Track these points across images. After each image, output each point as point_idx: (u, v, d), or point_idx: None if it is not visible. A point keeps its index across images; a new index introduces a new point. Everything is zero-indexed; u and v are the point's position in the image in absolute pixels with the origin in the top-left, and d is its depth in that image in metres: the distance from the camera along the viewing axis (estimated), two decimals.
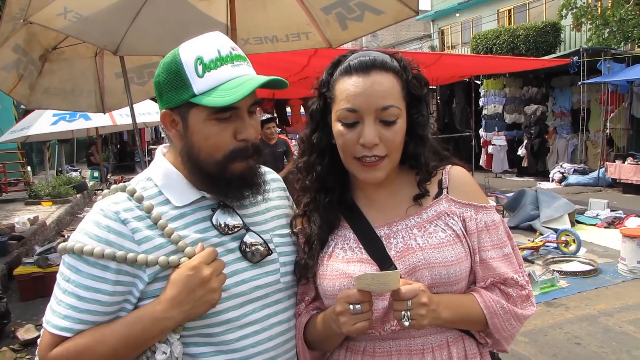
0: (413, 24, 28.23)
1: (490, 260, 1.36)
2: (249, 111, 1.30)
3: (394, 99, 1.32)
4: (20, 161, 14.29)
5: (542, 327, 4.72)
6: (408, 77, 1.37)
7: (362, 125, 1.30)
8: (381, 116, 1.30)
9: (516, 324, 1.36)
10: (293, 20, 4.06)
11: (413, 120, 1.38)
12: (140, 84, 5.27)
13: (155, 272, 1.21)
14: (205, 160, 1.28)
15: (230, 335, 1.28)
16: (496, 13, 21.51)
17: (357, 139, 1.31)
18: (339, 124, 1.34)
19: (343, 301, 1.23)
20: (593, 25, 14.36)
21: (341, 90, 1.33)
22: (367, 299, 1.22)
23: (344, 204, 1.45)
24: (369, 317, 1.23)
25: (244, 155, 1.29)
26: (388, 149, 1.32)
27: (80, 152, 21.22)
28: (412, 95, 1.37)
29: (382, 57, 1.35)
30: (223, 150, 1.27)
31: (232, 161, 1.28)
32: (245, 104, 1.27)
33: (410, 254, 1.32)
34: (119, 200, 1.26)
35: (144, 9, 3.62)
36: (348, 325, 1.22)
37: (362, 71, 1.32)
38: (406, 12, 3.77)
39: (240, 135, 1.27)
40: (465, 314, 1.32)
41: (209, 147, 1.27)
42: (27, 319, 5.39)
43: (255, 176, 1.35)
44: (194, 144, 1.27)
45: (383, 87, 1.31)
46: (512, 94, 14.87)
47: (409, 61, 1.41)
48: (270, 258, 1.37)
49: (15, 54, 4.28)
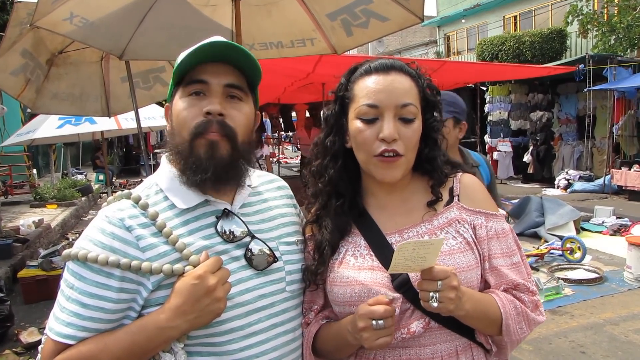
0: (419, 30, 28.27)
1: (500, 267, 1.37)
2: (229, 94, 1.30)
3: (413, 99, 1.36)
4: (26, 164, 14.37)
5: (546, 335, 4.69)
6: (423, 83, 1.42)
7: (382, 121, 1.33)
8: (400, 113, 1.34)
9: (526, 328, 1.36)
10: (298, 26, 4.07)
11: (428, 125, 1.42)
12: (145, 88, 5.30)
13: (160, 279, 1.21)
14: (179, 143, 1.29)
15: (234, 345, 1.26)
16: (502, 19, 21.49)
17: (376, 135, 1.33)
18: (358, 121, 1.36)
19: (365, 317, 1.22)
20: (599, 32, 14.29)
21: (361, 88, 1.38)
22: (389, 314, 1.22)
23: (356, 210, 1.45)
24: (391, 332, 1.23)
25: (207, 130, 1.26)
26: (406, 148, 1.34)
27: (85, 156, 21.31)
28: (427, 101, 1.42)
29: (400, 62, 1.41)
30: (188, 125, 1.27)
31: (197, 137, 1.26)
32: (216, 81, 1.28)
33: None
34: (124, 207, 1.25)
35: (149, 14, 3.63)
36: (371, 340, 1.22)
37: (382, 71, 1.37)
38: (411, 19, 3.76)
39: (205, 109, 1.26)
40: (484, 310, 1.31)
41: (178, 125, 1.29)
42: (31, 322, 5.40)
43: (223, 157, 1.27)
44: (173, 126, 1.32)
45: (403, 85, 1.36)
46: (518, 100, 14.82)
47: (422, 71, 1.46)
48: (276, 266, 1.35)
49: (22, 58, 4.31)
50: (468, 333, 1.36)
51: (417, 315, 1.32)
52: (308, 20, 4.00)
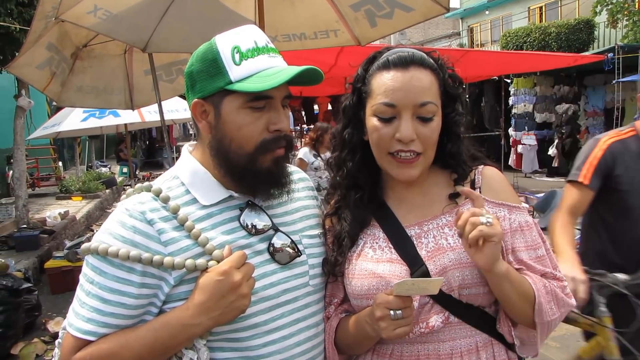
0: (442, 22, 27.95)
1: (525, 260, 1.32)
2: (282, 104, 1.28)
3: (432, 96, 1.31)
4: (52, 157, 14.66)
5: (574, 332, 4.55)
6: (444, 75, 1.35)
7: (399, 120, 1.29)
8: (419, 112, 1.29)
9: (556, 309, 1.30)
10: (321, 17, 4.04)
11: (450, 119, 1.37)
12: (168, 81, 5.32)
13: (182, 274, 1.19)
14: (236, 152, 1.25)
15: (257, 340, 1.24)
16: (527, 10, 21.09)
17: (393, 134, 1.29)
18: (375, 118, 1.33)
19: (383, 307, 1.19)
20: (630, 22, 13.91)
21: (378, 85, 1.32)
22: (407, 304, 1.19)
23: (375, 202, 1.42)
24: (409, 322, 1.21)
25: (276, 146, 1.26)
26: (424, 146, 1.30)
27: (109, 148, 21.62)
28: (448, 94, 1.36)
29: (420, 53, 1.34)
30: (254, 141, 1.24)
31: (263, 153, 1.25)
32: (280, 94, 1.25)
33: (441, 254, 1.30)
34: (145, 200, 1.23)
35: (172, 7, 3.64)
36: (389, 330, 1.19)
37: (401, 66, 1.31)
38: (437, 9, 3.69)
39: (273, 126, 1.25)
40: (520, 280, 1.26)
41: (240, 138, 1.24)
42: (57, 312, 5.50)
43: (283, 172, 1.31)
44: (226, 134, 1.25)
45: (422, 83, 1.30)
46: (543, 92, 14.56)
47: (444, 60, 1.39)
48: (299, 260, 1.33)
49: (48, 52, 4.35)
50: (489, 328, 1.32)
51: (436, 310, 1.30)
52: (331, 11, 3.96)
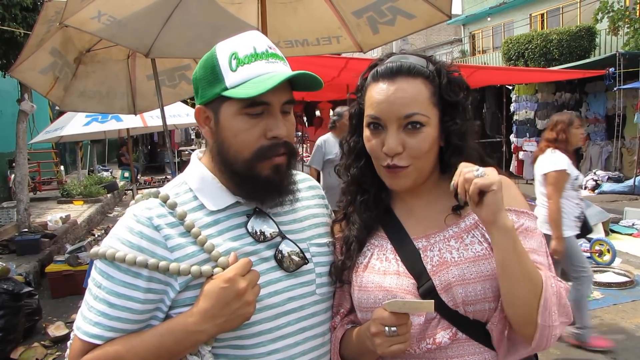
0: (444, 28, 27.99)
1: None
2: (283, 110, 1.27)
3: (420, 106, 1.27)
4: (54, 161, 14.68)
5: None
6: (442, 81, 1.31)
7: (386, 133, 1.29)
8: (405, 124, 1.27)
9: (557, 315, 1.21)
10: (324, 24, 4.05)
11: (447, 128, 1.33)
12: (171, 86, 5.34)
13: (187, 280, 1.19)
14: (234, 158, 1.24)
15: (262, 348, 1.24)
16: (528, 17, 21.12)
17: (381, 146, 1.29)
18: (367, 130, 1.34)
19: (378, 322, 1.18)
20: (631, 29, 13.93)
21: (369, 97, 1.33)
22: (403, 321, 1.17)
23: (381, 206, 1.42)
24: (405, 339, 1.18)
25: (273, 154, 1.24)
26: (412, 158, 1.28)
27: (111, 153, 21.65)
28: (446, 102, 1.32)
29: (410, 62, 1.30)
30: (251, 147, 1.23)
31: (261, 160, 1.24)
32: (277, 100, 1.24)
33: (445, 269, 1.27)
34: (152, 206, 1.23)
35: (175, 13, 3.65)
36: (383, 347, 1.18)
37: (388, 77, 1.29)
38: (439, 16, 3.70)
39: (270, 132, 1.23)
40: (525, 253, 1.20)
41: (237, 144, 1.23)
42: (58, 316, 5.50)
43: (284, 179, 1.29)
44: (224, 141, 1.25)
45: (407, 94, 1.27)
46: (545, 99, 14.53)
47: (447, 65, 1.36)
48: (306, 268, 1.32)
49: (51, 56, 4.38)
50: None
51: (443, 325, 1.26)
52: (334, 18, 3.98)
